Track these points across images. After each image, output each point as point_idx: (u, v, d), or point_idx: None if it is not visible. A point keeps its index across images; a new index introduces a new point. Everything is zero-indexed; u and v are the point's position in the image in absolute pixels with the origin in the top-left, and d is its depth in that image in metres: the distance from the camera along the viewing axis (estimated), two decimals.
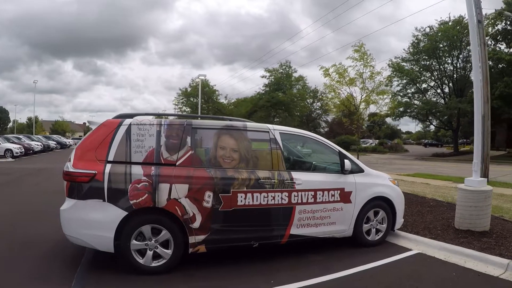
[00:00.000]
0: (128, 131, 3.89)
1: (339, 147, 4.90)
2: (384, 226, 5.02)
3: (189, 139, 4.02)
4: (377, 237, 4.97)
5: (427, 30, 33.23)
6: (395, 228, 5.17)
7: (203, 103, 44.10)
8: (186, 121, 4.15)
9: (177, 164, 3.90)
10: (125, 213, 3.66)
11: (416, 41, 34.03)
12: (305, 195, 4.34)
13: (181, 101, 52.51)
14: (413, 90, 36.59)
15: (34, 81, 56.68)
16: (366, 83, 14.54)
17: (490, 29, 25.71)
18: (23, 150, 22.80)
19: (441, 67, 34.45)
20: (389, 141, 56.34)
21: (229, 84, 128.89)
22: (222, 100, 51.68)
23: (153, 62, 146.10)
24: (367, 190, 4.82)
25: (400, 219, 5.21)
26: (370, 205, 4.85)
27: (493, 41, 26.69)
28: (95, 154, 3.78)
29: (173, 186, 3.79)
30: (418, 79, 35.40)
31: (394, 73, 32.61)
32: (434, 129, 54.52)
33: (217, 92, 51.48)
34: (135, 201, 3.69)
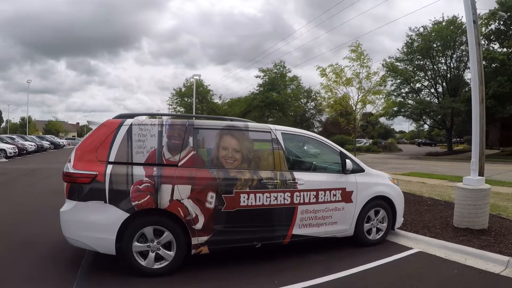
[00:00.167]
0: (129, 131, 3.84)
1: (340, 147, 4.91)
2: (385, 225, 5.04)
3: (191, 139, 3.98)
4: (377, 236, 4.99)
5: (421, 30, 33.56)
6: (395, 227, 5.20)
7: (197, 103, 43.97)
8: (188, 121, 4.12)
9: (179, 164, 3.86)
10: (127, 214, 3.61)
11: (410, 41, 34.32)
12: (307, 195, 4.34)
13: (175, 101, 52.35)
14: (407, 89, 36.89)
15: (28, 80, 55.61)
16: (362, 83, 14.62)
17: (483, 29, 25.99)
18: (16, 150, 22.50)
19: (434, 66, 34.77)
20: (383, 141, 56.68)
21: (223, 84, 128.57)
22: (217, 100, 51.68)
23: (146, 62, 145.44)
24: (367, 189, 4.84)
25: (400, 218, 5.24)
26: (370, 205, 4.87)
27: (486, 41, 26.99)
28: (95, 155, 3.72)
29: (176, 187, 3.75)
30: (412, 79, 35.69)
31: (388, 73, 32.82)
32: (428, 128, 54.93)
33: (211, 92, 51.45)
34: (137, 202, 3.64)
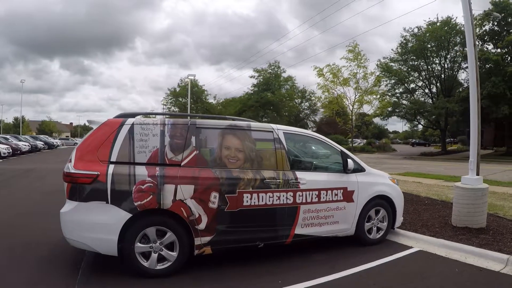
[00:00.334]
0: (131, 130, 3.80)
1: (341, 147, 4.93)
2: (385, 224, 5.07)
3: (193, 139, 3.95)
4: (378, 236, 5.01)
5: (415, 30, 33.83)
6: (395, 226, 5.24)
7: (191, 103, 43.85)
8: (190, 120, 4.10)
9: (182, 164, 3.84)
10: (129, 215, 3.58)
11: (404, 41, 34.57)
12: (309, 194, 4.34)
13: (170, 101, 52.18)
14: (401, 90, 37.16)
15: (21, 80, 54.92)
16: (359, 83, 14.69)
17: (477, 29, 26.26)
18: (10, 150, 22.24)
19: (429, 67, 35.07)
20: (377, 141, 57.03)
21: (217, 84, 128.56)
22: (211, 100, 51.63)
23: (140, 62, 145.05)
24: (368, 189, 4.86)
25: (400, 217, 5.27)
26: (371, 204, 4.89)
27: (480, 42, 27.29)
28: (97, 155, 3.67)
29: (179, 187, 3.72)
30: (406, 79, 35.95)
31: (382, 73, 33.04)
32: (422, 128, 55.37)
33: (206, 92, 51.38)
34: (139, 202, 3.60)
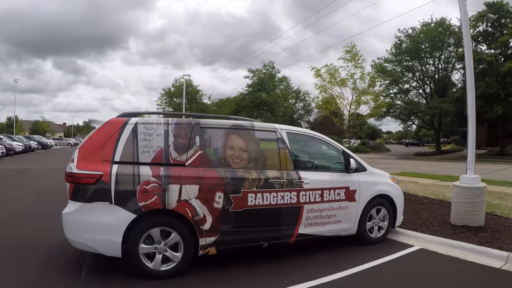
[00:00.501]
0: (134, 130, 3.76)
1: (343, 147, 4.97)
2: (386, 223, 5.12)
3: (197, 138, 3.93)
4: (379, 235, 5.06)
5: (410, 31, 34.12)
6: (395, 225, 5.29)
7: (186, 103, 43.69)
8: (194, 120, 4.08)
9: (186, 164, 3.82)
10: (133, 215, 3.54)
11: (399, 42, 34.88)
12: (312, 194, 4.36)
13: (164, 101, 51.98)
14: (395, 90, 37.47)
15: (15, 80, 54.49)
16: (357, 83, 14.79)
17: (471, 31, 26.59)
18: (4, 150, 21.97)
19: (423, 67, 35.44)
20: (371, 141, 57.40)
21: (211, 84, 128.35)
22: (206, 101, 51.55)
23: (133, 62, 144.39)
24: (370, 188, 4.90)
25: (400, 216, 5.32)
26: (372, 203, 4.93)
27: (474, 42, 27.63)
28: (100, 154, 3.63)
29: (183, 187, 3.70)
30: (400, 80, 36.26)
31: (377, 74, 33.26)
32: (416, 128, 55.87)
33: (200, 93, 51.28)
34: (144, 203, 3.57)
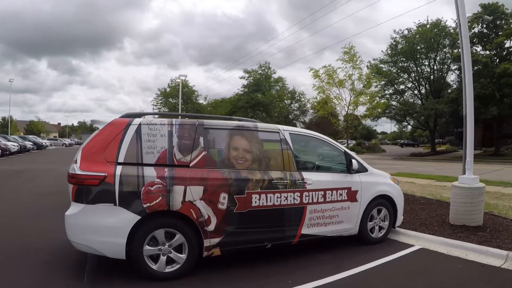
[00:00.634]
0: (138, 131, 3.75)
1: (344, 147, 5.01)
2: (387, 223, 5.16)
3: (201, 139, 3.94)
4: (380, 235, 5.10)
5: (405, 32, 34.35)
6: (396, 225, 5.34)
7: (182, 103, 43.56)
8: (198, 121, 4.08)
9: (190, 165, 3.82)
10: (138, 217, 3.53)
11: (394, 43, 35.14)
12: (315, 194, 4.39)
13: (160, 101, 51.76)
14: (391, 91, 37.69)
15: (10, 79, 53.81)
16: (355, 84, 14.84)
17: None
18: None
19: (418, 68, 35.70)
20: (366, 142, 57.64)
21: (206, 85, 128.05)
22: (201, 101, 51.44)
23: (128, 62, 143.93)
24: (371, 189, 4.95)
25: (400, 216, 5.37)
26: (374, 204, 4.98)
27: (469, 44, 27.84)
28: (103, 155, 3.61)
29: (188, 188, 3.71)
30: (396, 81, 36.48)
31: (372, 75, 33.40)
32: (411, 129, 56.24)
33: (196, 93, 51.19)
34: (148, 204, 3.57)
